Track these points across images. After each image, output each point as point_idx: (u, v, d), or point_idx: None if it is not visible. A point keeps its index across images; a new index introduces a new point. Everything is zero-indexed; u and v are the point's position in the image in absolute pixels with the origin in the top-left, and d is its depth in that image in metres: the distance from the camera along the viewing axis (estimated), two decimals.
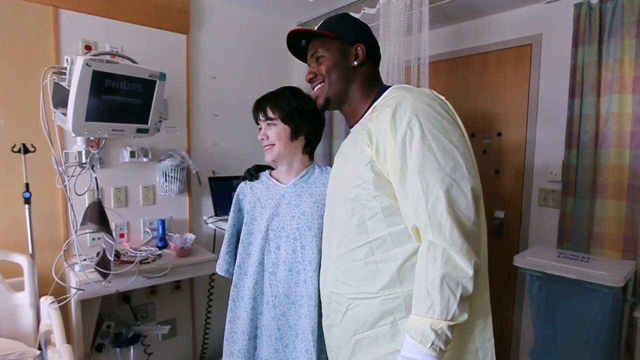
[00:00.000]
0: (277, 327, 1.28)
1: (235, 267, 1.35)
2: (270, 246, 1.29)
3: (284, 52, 2.61)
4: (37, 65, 1.76)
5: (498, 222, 2.39)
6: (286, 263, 1.26)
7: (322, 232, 1.25)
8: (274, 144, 1.28)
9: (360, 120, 1.04)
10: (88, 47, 1.88)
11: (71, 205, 1.48)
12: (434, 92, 0.94)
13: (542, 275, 1.82)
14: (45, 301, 1.59)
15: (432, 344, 0.78)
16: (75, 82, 1.32)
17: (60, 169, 1.50)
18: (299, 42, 1.12)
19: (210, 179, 2.30)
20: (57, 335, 1.35)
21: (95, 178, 1.60)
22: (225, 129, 2.42)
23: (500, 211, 2.40)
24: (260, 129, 1.32)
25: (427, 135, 0.83)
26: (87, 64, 1.32)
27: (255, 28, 2.51)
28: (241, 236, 1.35)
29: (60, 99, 1.46)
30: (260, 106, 1.31)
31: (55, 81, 1.40)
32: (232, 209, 1.39)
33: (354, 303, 0.97)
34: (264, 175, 1.39)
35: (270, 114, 1.27)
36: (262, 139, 1.31)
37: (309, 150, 1.33)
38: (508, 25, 2.31)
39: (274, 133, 1.28)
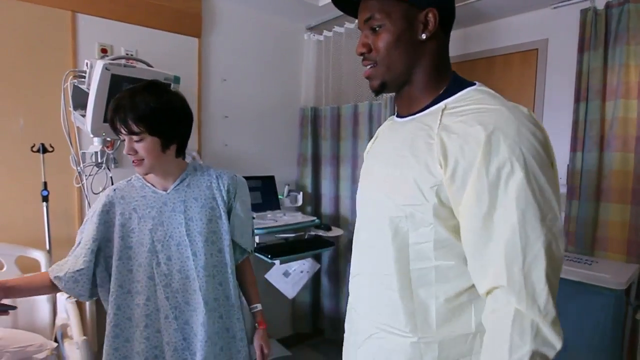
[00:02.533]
0: (182, 337, 1.20)
1: (113, 287, 1.17)
2: (159, 258, 1.18)
3: (293, 54, 2.70)
4: (55, 68, 1.83)
5: None
6: (181, 272, 1.19)
7: (212, 236, 1.23)
8: (143, 159, 1.14)
9: (419, 116, 0.81)
10: (104, 50, 1.94)
11: (88, 203, 1.54)
12: (531, 111, 0.73)
13: None
14: (62, 296, 1.65)
15: None
16: (95, 85, 1.38)
17: (78, 168, 1.56)
18: None
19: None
20: (75, 329, 1.40)
21: (111, 177, 1.66)
22: (235, 130, 2.48)
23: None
24: (123, 140, 1.13)
25: (531, 175, 0.65)
26: (106, 68, 1.38)
27: (265, 31, 2.56)
28: (115, 253, 1.17)
29: (79, 101, 1.53)
30: (119, 118, 1.09)
31: (75, 84, 1.45)
32: (93, 221, 1.18)
33: (379, 334, 0.82)
34: (137, 180, 1.25)
35: (135, 128, 1.09)
36: (129, 154, 1.14)
37: (182, 152, 1.24)
38: (515, 30, 2.34)
39: (142, 148, 1.12)
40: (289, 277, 2.27)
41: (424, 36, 0.78)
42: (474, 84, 0.80)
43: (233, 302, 1.29)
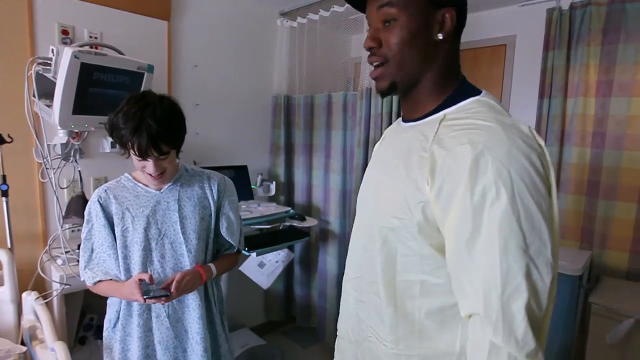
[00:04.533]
0: (174, 335, 1.25)
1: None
2: (152, 256, 1.22)
3: (266, 40, 2.63)
4: (10, 51, 1.68)
5: None
6: (175, 269, 1.23)
7: (203, 234, 1.28)
8: (165, 170, 1.19)
9: (419, 123, 0.77)
10: (65, 32, 1.79)
11: (57, 199, 1.45)
12: (533, 130, 0.67)
13: None
14: (28, 296, 1.56)
15: None
16: (63, 75, 1.28)
17: (44, 161, 1.46)
18: None
19: None
20: (47, 333, 1.33)
21: (79, 171, 1.57)
22: (207, 118, 2.40)
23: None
24: (144, 163, 1.15)
25: (518, 201, 0.60)
26: (75, 56, 1.28)
27: (238, 16, 2.47)
28: (118, 250, 1.22)
29: (43, 89, 1.41)
30: (154, 145, 1.09)
31: (39, 72, 1.35)
32: (99, 224, 1.22)
33: (370, 338, 0.82)
34: (127, 180, 1.28)
35: (166, 149, 1.13)
36: (158, 174, 1.17)
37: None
38: (484, 25, 2.41)
39: (167, 163, 1.18)
40: (264, 267, 2.27)
41: (440, 36, 0.72)
42: (480, 93, 0.76)
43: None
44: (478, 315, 0.63)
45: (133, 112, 1.08)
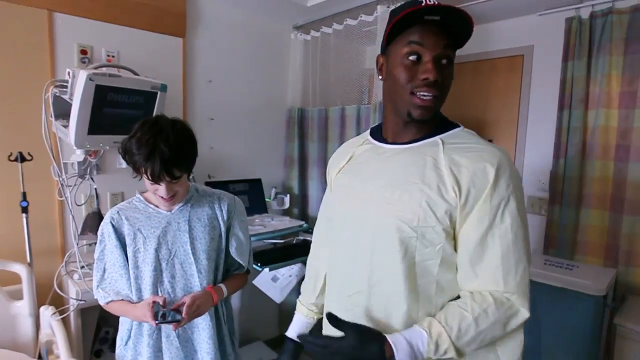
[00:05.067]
0: (184, 355, 1.26)
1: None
2: (163, 277, 1.23)
3: (279, 54, 2.65)
4: (32, 71, 1.74)
5: None
6: (185, 289, 1.25)
7: (213, 254, 1.28)
8: (177, 192, 1.21)
9: (416, 145, 0.89)
10: (84, 52, 1.85)
11: (73, 217, 1.48)
12: None
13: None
14: (46, 311, 1.59)
15: (434, 352, 0.77)
16: (78, 97, 1.32)
17: (60, 180, 1.49)
18: (423, 13, 0.80)
19: (206, 183, 2.30)
20: (62, 349, 1.36)
21: (95, 189, 1.60)
22: (221, 133, 2.43)
23: None
24: (156, 187, 1.17)
25: (520, 208, 0.82)
26: (90, 79, 1.31)
27: (251, 31, 2.50)
28: (130, 271, 1.23)
29: (60, 110, 1.45)
30: (167, 170, 1.11)
31: (56, 94, 1.38)
32: (111, 245, 1.23)
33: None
34: (138, 201, 1.29)
35: (178, 173, 1.14)
36: (170, 197, 1.19)
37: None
38: (502, 35, 2.36)
39: (179, 186, 1.20)
40: (277, 282, 2.26)
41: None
42: (459, 126, 0.92)
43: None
44: (498, 290, 0.81)
45: (146, 138, 1.10)
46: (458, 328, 0.78)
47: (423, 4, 0.79)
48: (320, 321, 1.15)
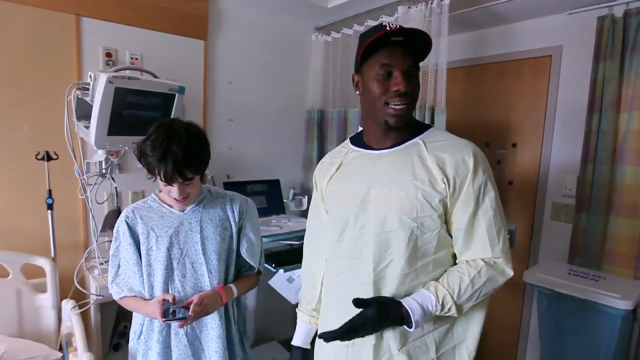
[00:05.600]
0: (192, 353, 1.29)
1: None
2: (174, 275, 1.26)
3: (300, 55, 2.65)
4: (59, 72, 1.82)
5: (509, 234, 2.39)
6: (195, 289, 1.27)
7: (224, 255, 1.29)
8: (189, 194, 1.23)
9: (400, 148, 1.02)
10: (109, 55, 1.91)
11: (92, 216, 1.53)
12: None
13: (551, 293, 1.83)
14: (67, 304, 1.66)
15: (440, 310, 0.94)
16: (99, 99, 1.36)
17: (82, 178, 1.55)
18: (390, 36, 0.93)
19: (225, 184, 2.33)
20: (79, 342, 1.41)
21: (116, 188, 1.65)
22: (240, 133, 2.45)
23: (512, 223, 2.40)
24: (169, 188, 1.19)
25: (494, 187, 0.99)
26: (109, 82, 1.35)
27: (272, 32, 2.52)
28: (143, 268, 1.27)
29: (82, 112, 1.51)
30: (179, 172, 1.14)
31: (79, 96, 1.43)
32: (125, 242, 1.27)
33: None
34: (153, 201, 1.32)
35: (190, 175, 1.17)
36: (183, 198, 1.22)
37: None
38: (528, 35, 2.28)
39: (192, 187, 1.23)
40: (293, 282, 2.26)
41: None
42: (431, 126, 1.08)
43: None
44: (488, 257, 0.98)
45: (160, 140, 1.12)
46: (459, 289, 0.94)
47: (388, 29, 0.92)
48: (303, 351, 1.23)
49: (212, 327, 1.29)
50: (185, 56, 2.17)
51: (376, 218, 0.99)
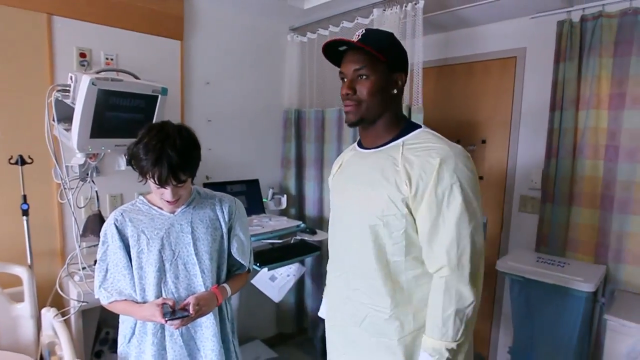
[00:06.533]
0: (187, 354, 1.29)
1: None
2: (167, 277, 1.25)
3: (276, 56, 2.67)
4: (30, 73, 1.75)
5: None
6: (188, 289, 1.27)
7: (215, 255, 1.31)
8: (181, 196, 1.24)
9: (384, 148, 1.07)
10: (83, 55, 1.86)
11: (75, 219, 1.49)
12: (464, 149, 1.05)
13: (522, 279, 1.95)
14: (48, 313, 1.60)
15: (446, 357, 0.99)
16: (81, 101, 1.33)
17: (62, 182, 1.50)
18: (337, 46, 1.07)
19: (205, 184, 2.32)
20: (66, 350, 1.37)
21: (96, 191, 1.62)
22: (219, 134, 2.44)
23: (483, 216, 2.52)
24: (162, 191, 1.19)
25: (465, 196, 0.96)
26: (93, 84, 1.33)
27: (248, 33, 2.52)
28: (134, 271, 1.25)
29: (62, 114, 1.47)
30: (174, 175, 1.14)
31: (59, 98, 1.40)
32: (114, 246, 1.25)
33: (371, 313, 1.09)
34: (142, 203, 1.31)
35: (184, 178, 1.17)
36: (175, 200, 1.22)
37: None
38: (495, 37, 2.41)
39: (184, 189, 1.23)
40: (276, 281, 2.29)
41: (395, 91, 1.07)
42: (421, 127, 1.09)
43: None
44: (445, 266, 0.98)
45: (154, 143, 1.12)
46: (440, 332, 0.98)
47: (328, 40, 1.05)
48: None
49: (207, 326, 1.30)
50: (161, 56, 2.14)
51: (352, 214, 1.10)
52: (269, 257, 2.12)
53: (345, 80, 1.06)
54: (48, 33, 1.78)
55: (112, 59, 1.94)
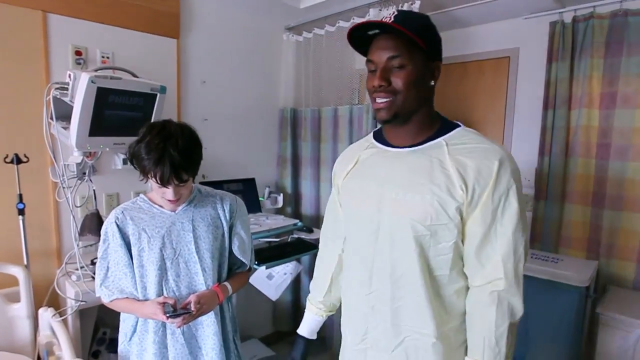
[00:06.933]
0: (189, 352, 1.29)
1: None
2: (168, 275, 1.25)
3: (272, 55, 2.67)
4: (26, 72, 1.73)
5: None
6: (189, 288, 1.27)
7: (216, 253, 1.32)
8: (182, 195, 1.23)
9: (421, 148, 0.95)
10: (78, 53, 1.84)
11: (73, 218, 1.48)
12: None
13: None
14: (45, 313, 1.59)
15: None
16: (80, 99, 1.32)
17: (60, 180, 1.49)
18: (366, 30, 0.91)
19: (201, 183, 2.31)
20: (66, 349, 1.37)
21: (94, 190, 1.61)
22: (215, 133, 2.44)
23: None
24: (164, 190, 1.18)
25: (520, 202, 0.88)
26: (92, 81, 1.32)
27: (244, 32, 2.52)
28: (135, 270, 1.25)
29: (59, 112, 1.46)
30: (176, 174, 1.13)
31: (57, 96, 1.39)
32: (115, 244, 1.25)
33: (411, 336, 0.96)
34: (143, 201, 1.31)
35: (186, 177, 1.17)
36: (176, 199, 1.22)
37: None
38: (489, 38, 2.44)
39: (185, 189, 1.23)
40: (272, 279, 2.29)
41: (432, 83, 0.94)
42: (459, 125, 0.97)
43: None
44: (500, 279, 0.88)
45: (156, 142, 1.11)
46: (493, 352, 0.89)
47: (357, 24, 0.90)
48: (307, 341, 1.25)
49: (207, 324, 1.31)
50: (157, 55, 2.13)
51: (390, 223, 0.95)
52: (265, 255, 2.12)
53: (376, 70, 0.92)
54: (43, 31, 1.76)
55: (108, 57, 1.92)
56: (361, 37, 0.93)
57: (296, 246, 2.30)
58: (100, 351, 1.90)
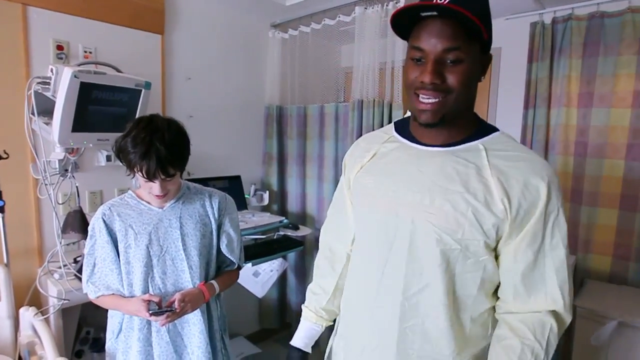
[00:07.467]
0: (174, 350, 1.28)
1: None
2: (154, 272, 1.25)
3: (257, 52, 2.67)
4: (5, 67, 1.69)
5: None
6: (175, 285, 1.27)
7: (204, 250, 1.31)
8: (169, 190, 1.23)
9: (455, 149, 0.82)
10: (60, 47, 1.80)
11: (56, 215, 1.46)
12: None
13: None
14: (26, 312, 1.56)
15: None
16: (63, 94, 1.30)
17: (42, 177, 1.47)
18: (418, 11, 0.73)
19: (186, 180, 2.30)
20: (49, 349, 1.35)
21: (77, 187, 1.58)
22: (200, 130, 2.43)
23: None
24: (150, 185, 1.18)
25: (564, 220, 0.80)
26: (75, 76, 1.30)
27: (230, 29, 2.51)
28: (122, 266, 1.24)
29: (41, 107, 1.43)
30: (162, 168, 1.12)
31: (38, 91, 1.36)
32: (102, 240, 1.24)
33: None
34: (130, 198, 1.29)
35: (172, 172, 1.16)
36: (163, 194, 1.21)
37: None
38: None
39: (173, 184, 1.22)
40: (259, 277, 2.30)
41: (482, 78, 0.82)
42: (497, 129, 0.87)
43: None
44: (556, 309, 0.79)
45: (142, 136, 1.11)
46: None
47: (407, 5, 0.73)
48: (302, 354, 1.10)
49: (194, 322, 1.30)
50: (142, 51, 2.10)
51: (411, 230, 0.82)
52: (252, 252, 2.12)
53: (422, 60, 0.76)
54: (23, 24, 1.72)
55: (90, 52, 1.89)
56: (404, 19, 0.77)
57: (282, 243, 2.30)
58: (83, 351, 1.87)
